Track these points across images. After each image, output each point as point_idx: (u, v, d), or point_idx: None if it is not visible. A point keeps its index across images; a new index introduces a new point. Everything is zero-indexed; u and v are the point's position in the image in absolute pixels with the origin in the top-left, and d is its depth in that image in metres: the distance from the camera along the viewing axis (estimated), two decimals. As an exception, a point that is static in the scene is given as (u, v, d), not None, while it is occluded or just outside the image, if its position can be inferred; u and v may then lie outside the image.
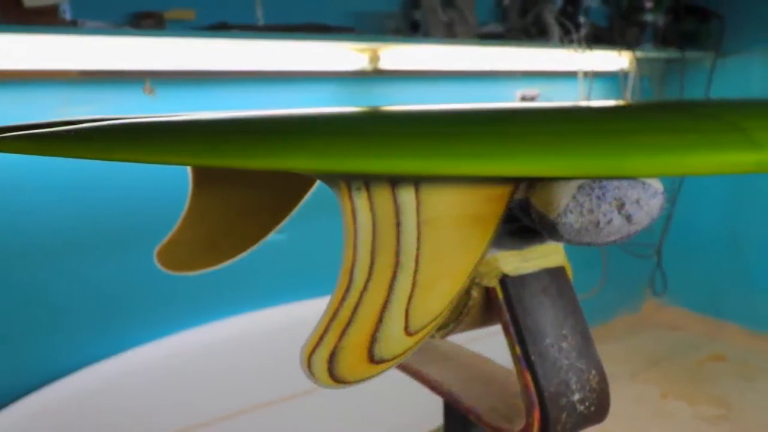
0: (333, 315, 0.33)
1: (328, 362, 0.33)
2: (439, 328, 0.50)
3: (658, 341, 2.53)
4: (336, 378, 0.33)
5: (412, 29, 1.83)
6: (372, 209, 0.34)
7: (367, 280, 0.34)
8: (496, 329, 0.50)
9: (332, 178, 0.34)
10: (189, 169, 0.56)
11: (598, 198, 0.39)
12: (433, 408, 0.66)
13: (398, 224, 0.35)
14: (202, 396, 1.50)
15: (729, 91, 2.40)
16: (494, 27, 1.98)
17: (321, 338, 0.33)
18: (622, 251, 2.49)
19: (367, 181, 0.34)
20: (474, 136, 0.35)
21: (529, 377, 0.45)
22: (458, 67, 1.97)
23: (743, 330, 2.50)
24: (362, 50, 1.72)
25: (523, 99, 2.16)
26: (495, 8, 2.09)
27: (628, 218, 0.40)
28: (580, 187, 0.39)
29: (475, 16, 1.92)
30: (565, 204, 0.39)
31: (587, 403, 0.46)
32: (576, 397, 0.46)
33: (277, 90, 1.67)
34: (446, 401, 0.54)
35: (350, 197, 0.34)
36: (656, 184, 0.42)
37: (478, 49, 1.88)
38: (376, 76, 1.84)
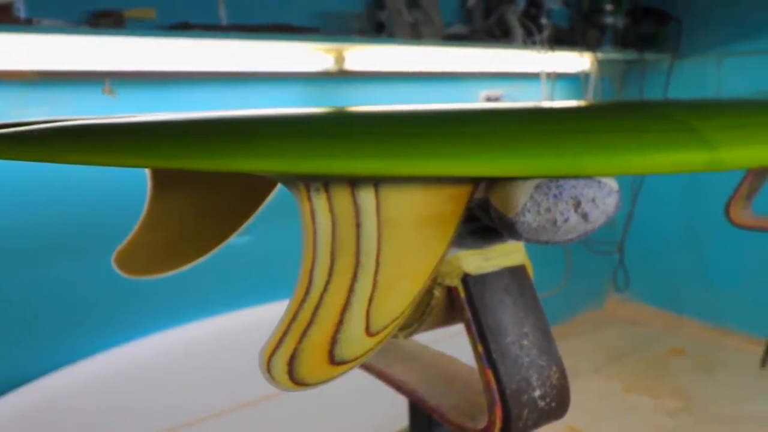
0: (293, 317, 0.33)
1: (288, 364, 0.32)
2: (403, 328, 0.50)
3: (621, 336, 2.59)
4: (296, 380, 0.33)
5: (377, 30, 1.83)
6: (331, 210, 0.34)
7: (328, 282, 0.34)
8: (462, 328, 0.51)
9: (290, 180, 0.34)
10: (147, 170, 0.55)
11: (555, 197, 0.40)
12: (403, 408, 0.66)
13: (358, 225, 0.35)
14: (179, 398, 1.48)
15: (686, 91, 2.47)
16: (459, 28, 2.00)
17: (281, 340, 0.32)
18: (586, 249, 2.54)
19: (326, 182, 0.34)
20: (432, 136, 0.35)
21: (491, 375, 0.45)
22: (423, 68, 1.98)
23: (701, 324, 2.57)
24: (327, 51, 1.72)
25: (488, 100, 2.18)
26: (459, 9, 2.11)
27: (585, 217, 0.41)
28: (537, 187, 0.40)
29: (440, 17, 1.93)
30: (523, 203, 0.39)
31: (548, 400, 0.47)
32: (537, 393, 0.47)
33: (241, 91, 1.65)
34: (411, 401, 0.55)
35: (309, 198, 0.33)
36: (611, 183, 0.43)
37: (443, 50, 1.90)
38: (342, 76, 1.84)
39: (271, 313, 1.64)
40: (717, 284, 2.54)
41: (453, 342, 0.77)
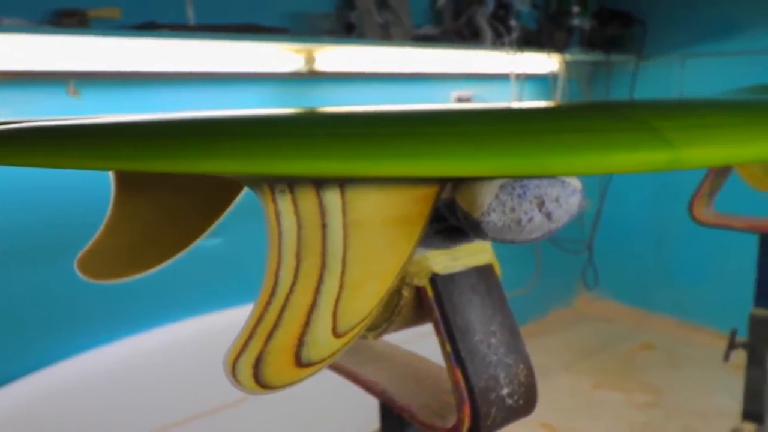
0: (258, 319, 0.33)
1: (254, 368, 0.32)
2: (372, 329, 0.50)
3: (591, 333, 2.63)
4: (262, 383, 0.32)
5: (347, 31, 1.83)
6: (297, 211, 0.34)
7: (293, 283, 0.34)
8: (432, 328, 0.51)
9: (254, 181, 0.33)
10: (111, 172, 0.54)
11: (520, 197, 0.40)
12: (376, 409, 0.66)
13: (324, 226, 0.35)
14: (163, 398, 1.46)
15: (651, 92, 2.53)
16: (429, 29, 2.01)
17: (246, 343, 0.32)
18: (555, 248, 2.58)
19: (291, 183, 0.34)
20: (398, 137, 0.35)
21: (459, 374, 0.46)
22: (394, 68, 1.99)
23: (670, 320, 2.63)
24: (297, 51, 1.71)
25: (459, 100, 2.19)
26: (429, 11, 2.12)
27: (549, 216, 0.41)
28: (502, 187, 0.40)
29: (410, 18, 1.94)
30: (488, 203, 0.40)
31: (516, 397, 0.48)
32: (505, 391, 0.47)
33: (210, 91, 1.63)
34: (381, 401, 0.55)
35: (274, 200, 0.33)
36: (575, 183, 0.44)
37: (413, 51, 1.91)
38: (312, 77, 1.83)
39: (233, 320, 1.64)
40: (684, 281, 2.60)
41: (425, 342, 0.77)
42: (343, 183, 0.36)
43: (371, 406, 0.61)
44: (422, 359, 0.60)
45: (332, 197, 0.35)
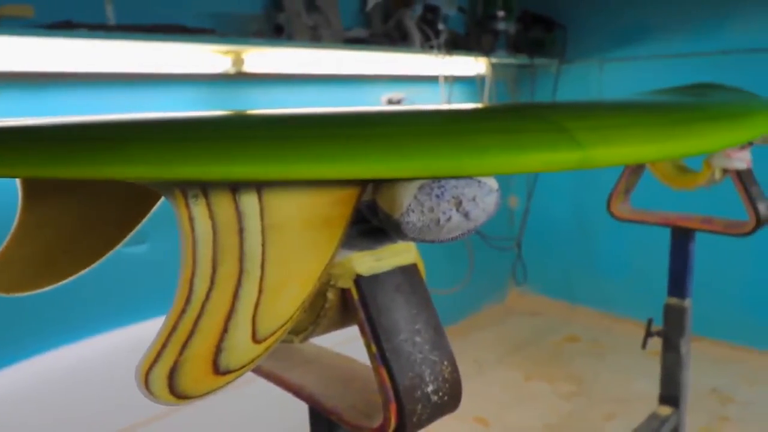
0: (172, 328, 0.32)
1: (169, 378, 0.31)
2: (298, 332, 0.50)
3: (522, 327, 2.71)
4: (178, 394, 0.32)
5: (276, 32, 1.81)
6: (212, 216, 0.33)
7: (210, 290, 0.33)
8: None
9: (165, 186, 0.32)
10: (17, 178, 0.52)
11: (438, 197, 0.41)
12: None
13: (241, 230, 0.35)
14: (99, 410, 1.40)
15: (572, 94, 2.64)
16: (358, 32, 2.02)
17: (159, 354, 0.31)
18: (486, 245, 2.65)
19: (205, 187, 0.33)
20: (313, 140, 0.35)
21: (384, 373, 0.46)
22: (325, 70, 1.98)
23: (594, 312, 2.75)
24: (225, 53, 1.68)
25: (389, 102, 2.21)
26: (359, 13, 2.13)
27: (466, 215, 0.43)
28: (420, 188, 0.41)
29: (339, 20, 1.94)
30: (408, 204, 0.40)
31: (441, 393, 0.49)
32: (430, 388, 0.48)
33: (132, 93, 1.58)
34: (309, 405, 0.54)
35: (187, 205, 0.32)
36: (491, 182, 0.46)
37: (343, 53, 1.91)
38: (241, 79, 1.80)
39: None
40: (606, 274, 2.72)
41: (358, 343, 0.78)
42: (260, 186, 0.35)
43: (303, 409, 0.60)
44: (351, 360, 0.60)
45: (249, 201, 0.35)
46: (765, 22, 2.17)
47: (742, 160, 1.08)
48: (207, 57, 1.64)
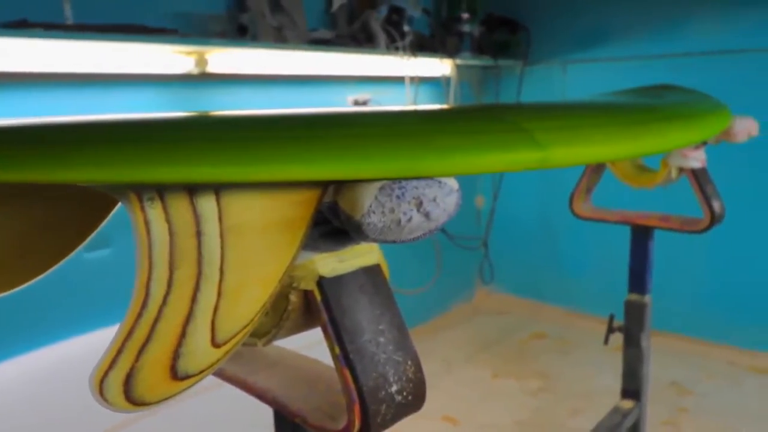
0: (128, 334, 0.31)
1: (125, 384, 0.31)
2: (261, 336, 0.50)
3: (489, 326, 2.74)
4: (134, 400, 0.31)
5: (240, 33, 1.79)
6: (168, 220, 0.33)
7: (167, 294, 0.33)
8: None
9: (120, 189, 0.32)
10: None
11: (398, 198, 0.41)
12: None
13: (199, 233, 0.34)
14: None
15: (536, 95, 2.68)
16: (324, 33, 2.01)
17: (114, 360, 0.30)
18: (454, 245, 2.67)
19: (161, 190, 0.33)
20: (273, 141, 0.35)
21: (348, 374, 0.46)
22: (290, 71, 1.97)
23: (559, 309, 2.80)
24: (188, 53, 1.65)
25: (356, 103, 2.21)
26: (324, 14, 2.12)
27: (427, 215, 0.43)
28: (381, 188, 0.41)
29: (304, 21, 1.93)
30: (368, 205, 0.40)
31: (405, 393, 0.49)
32: (394, 388, 0.48)
33: (92, 94, 1.54)
34: (274, 409, 0.54)
35: (142, 208, 0.32)
36: (452, 183, 0.46)
37: (308, 54, 1.90)
38: (205, 80, 1.78)
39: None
40: (571, 272, 2.77)
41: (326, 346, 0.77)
42: (218, 189, 0.35)
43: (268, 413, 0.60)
44: (316, 363, 0.60)
45: (207, 204, 0.35)
46: (720, 25, 2.24)
47: (697, 159, 1.11)
48: (169, 57, 1.62)
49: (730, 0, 2.21)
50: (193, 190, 0.34)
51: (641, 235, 1.29)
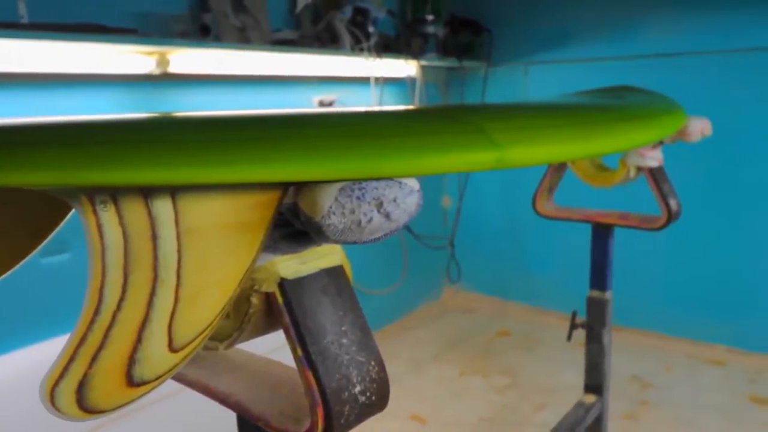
0: (80, 340, 0.30)
1: (77, 392, 0.30)
2: (222, 339, 0.49)
3: (456, 324, 2.77)
4: (87, 408, 0.30)
5: (202, 33, 1.76)
6: (122, 223, 0.32)
7: (121, 299, 0.32)
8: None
9: (71, 193, 0.31)
10: None
11: (359, 199, 0.41)
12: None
13: (155, 237, 0.34)
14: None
15: (500, 96, 2.71)
16: (288, 33, 2.00)
17: (66, 368, 0.30)
18: (421, 245, 2.68)
19: (114, 193, 0.32)
20: (228, 143, 0.35)
21: (311, 376, 0.46)
22: (254, 72, 1.95)
23: (524, 307, 2.84)
24: (149, 53, 1.62)
25: (321, 104, 2.21)
26: (288, 15, 2.11)
27: (387, 216, 0.43)
28: (341, 190, 0.41)
29: (268, 21, 1.92)
30: (329, 206, 0.40)
31: (368, 394, 0.49)
32: (357, 389, 0.48)
33: (48, 95, 1.50)
34: (237, 413, 0.53)
35: (94, 212, 0.31)
36: (412, 183, 0.46)
37: (272, 55, 1.88)
38: (166, 80, 1.75)
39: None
40: (535, 270, 2.82)
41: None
42: (174, 191, 0.35)
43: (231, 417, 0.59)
44: (280, 365, 0.60)
45: (163, 206, 0.34)
46: (676, 28, 2.31)
47: (654, 159, 1.14)
48: (129, 58, 1.58)
49: (683, 4, 2.28)
50: (148, 192, 0.33)
51: (602, 233, 1.32)
